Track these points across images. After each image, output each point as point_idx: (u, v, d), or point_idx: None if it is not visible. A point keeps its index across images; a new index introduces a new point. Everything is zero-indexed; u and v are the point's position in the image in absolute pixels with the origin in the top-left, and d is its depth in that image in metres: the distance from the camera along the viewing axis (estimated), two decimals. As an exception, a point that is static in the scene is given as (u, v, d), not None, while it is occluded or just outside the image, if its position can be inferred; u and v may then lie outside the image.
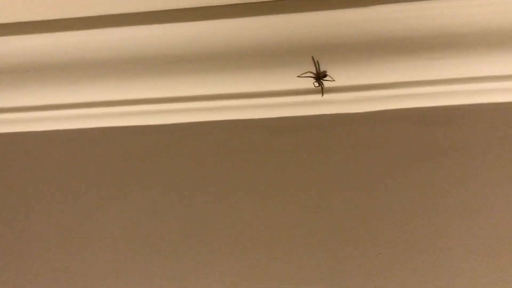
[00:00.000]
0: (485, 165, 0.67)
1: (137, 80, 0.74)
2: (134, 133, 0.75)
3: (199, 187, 0.72)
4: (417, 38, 0.67)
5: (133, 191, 0.73)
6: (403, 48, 0.68)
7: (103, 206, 0.73)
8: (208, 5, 0.68)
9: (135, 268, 0.70)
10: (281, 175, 0.71)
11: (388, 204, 0.67)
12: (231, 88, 0.74)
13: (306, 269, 0.66)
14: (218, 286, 0.68)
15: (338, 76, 0.71)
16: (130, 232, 0.71)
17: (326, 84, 0.71)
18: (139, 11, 0.69)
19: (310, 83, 0.71)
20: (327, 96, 0.71)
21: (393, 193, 0.68)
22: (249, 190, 0.71)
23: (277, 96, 0.73)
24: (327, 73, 0.70)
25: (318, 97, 0.72)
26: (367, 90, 0.71)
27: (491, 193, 0.66)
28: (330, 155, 0.71)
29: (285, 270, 0.67)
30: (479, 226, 0.65)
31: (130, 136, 0.75)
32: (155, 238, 0.71)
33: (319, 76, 0.70)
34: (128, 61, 0.73)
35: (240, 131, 0.74)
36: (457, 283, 0.62)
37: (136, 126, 0.75)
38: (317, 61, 0.69)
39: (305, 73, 0.70)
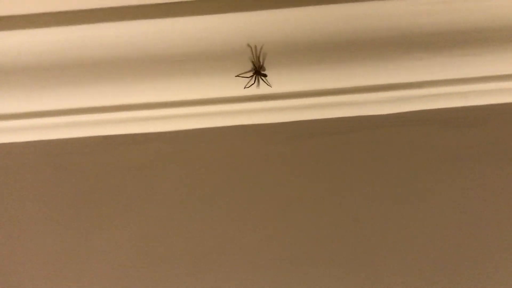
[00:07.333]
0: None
1: (121, 84, 0.65)
2: (123, 142, 0.67)
3: (200, 198, 0.65)
4: (443, 34, 0.61)
5: (133, 206, 0.64)
6: (430, 45, 0.62)
7: (102, 224, 0.64)
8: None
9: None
10: (294, 184, 0.65)
11: (413, 214, 0.62)
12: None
13: None
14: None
15: (356, 76, 0.64)
16: (134, 250, 0.63)
17: (343, 84, 0.64)
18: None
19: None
20: (346, 98, 0.65)
21: (419, 202, 0.62)
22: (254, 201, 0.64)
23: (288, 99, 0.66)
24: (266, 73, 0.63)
25: (334, 98, 0.65)
26: (389, 91, 0.65)
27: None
28: (350, 161, 0.65)
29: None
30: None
31: (119, 145, 0.67)
32: (160, 252, 0.63)
33: (259, 70, 0.62)
34: (113, 61, 0.64)
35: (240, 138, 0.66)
36: None
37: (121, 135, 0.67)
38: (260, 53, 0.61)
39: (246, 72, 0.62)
